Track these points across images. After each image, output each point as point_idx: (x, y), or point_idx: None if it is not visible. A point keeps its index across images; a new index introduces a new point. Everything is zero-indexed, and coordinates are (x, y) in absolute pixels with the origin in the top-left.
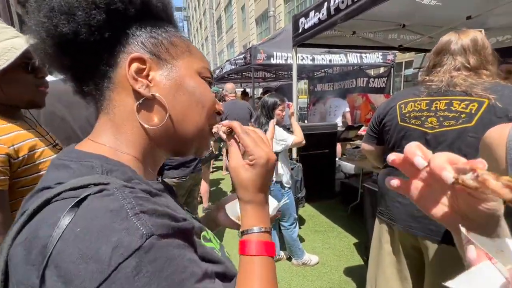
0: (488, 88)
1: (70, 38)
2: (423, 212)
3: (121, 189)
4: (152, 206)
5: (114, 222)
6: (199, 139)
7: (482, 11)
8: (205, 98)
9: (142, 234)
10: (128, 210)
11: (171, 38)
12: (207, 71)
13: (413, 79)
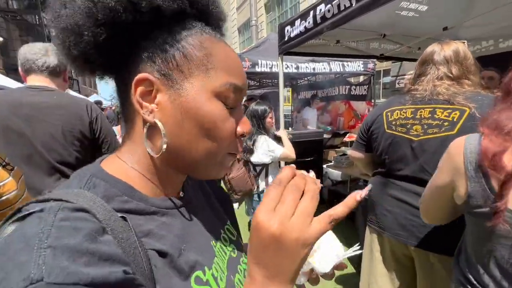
0: (469, 97)
1: (83, 59)
2: (411, 221)
3: (59, 212)
4: (68, 241)
5: (18, 252)
6: (212, 167)
7: (456, 23)
8: (219, 130)
9: (28, 277)
10: (39, 240)
11: (186, 49)
12: (229, 88)
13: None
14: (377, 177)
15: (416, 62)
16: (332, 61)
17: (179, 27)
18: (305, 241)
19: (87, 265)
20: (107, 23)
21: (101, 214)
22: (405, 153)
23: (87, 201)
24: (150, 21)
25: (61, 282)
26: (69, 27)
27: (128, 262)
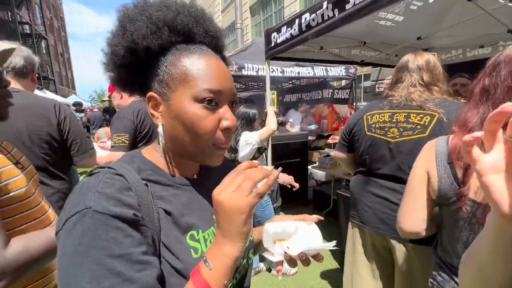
0: (438, 103)
1: (124, 78)
2: (389, 215)
3: (107, 174)
4: (107, 190)
5: (84, 191)
6: (204, 156)
7: (429, 33)
8: (197, 127)
9: (85, 204)
10: (93, 186)
11: (169, 70)
12: (205, 92)
13: (371, 90)
14: (358, 176)
15: (394, 69)
16: (315, 65)
17: (168, 54)
18: (240, 208)
19: (114, 205)
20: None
21: (131, 179)
22: (383, 153)
23: (125, 171)
24: (146, 55)
25: (99, 211)
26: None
27: (139, 210)
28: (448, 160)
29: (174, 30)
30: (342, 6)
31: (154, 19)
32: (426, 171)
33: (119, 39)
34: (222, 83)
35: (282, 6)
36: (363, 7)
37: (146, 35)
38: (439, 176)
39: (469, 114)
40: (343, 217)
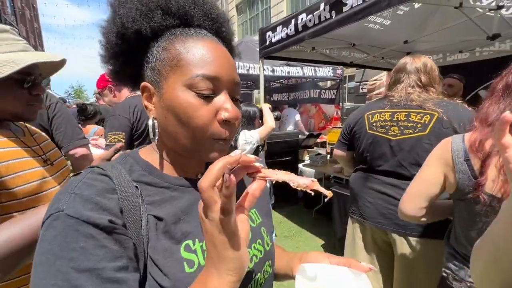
0: (437, 103)
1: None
2: (390, 210)
3: (90, 174)
4: (85, 192)
5: (62, 191)
6: (202, 151)
7: (414, 38)
8: (191, 118)
9: (58, 207)
10: (71, 187)
11: (161, 56)
12: (197, 78)
13: (355, 91)
14: (358, 173)
15: (389, 71)
16: (305, 66)
17: (163, 39)
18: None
19: (90, 210)
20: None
21: (118, 181)
22: (384, 151)
23: (114, 171)
24: (137, 40)
25: (70, 215)
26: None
27: (120, 216)
28: (465, 158)
29: (168, 12)
30: (339, 8)
31: (145, 0)
32: (443, 171)
33: (110, 25)
34: (220, 69)
35: (268, 5)
36: (360, 10)
37: (135, 18)
38: (457, 173)
39: (490, 110)
40: (337, 214)
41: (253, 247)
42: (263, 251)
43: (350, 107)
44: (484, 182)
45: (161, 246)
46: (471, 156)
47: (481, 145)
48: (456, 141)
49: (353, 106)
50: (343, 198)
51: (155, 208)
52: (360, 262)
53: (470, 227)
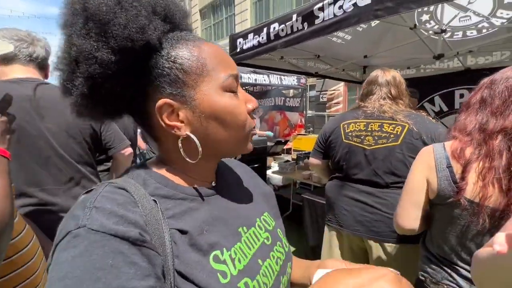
0: (407, 115)
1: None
2: (366, 217)
3: (107, 187)
4: (107, 205)
5: (78, 207)
6: (243, 145)
7: (373, 52)
8: (236, 116)
9: (78, 223)
10: (89, 202)
11: (183, 66)
12: (230, 79)
13: (316, 100)
14: (334, 181)
15: (346, 82)
16: (271, 73)
17: (166, 47)
18: None
19: (115, 223)
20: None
21: (136, 195)
22: (360, 160)
23: (129, 185)
24: (144, 52)
25: (95, 229)
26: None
27: (146, 230)
28: (447, 164)
29: (159, 15)
30: (311, 20)
31: (145, 4)
32: (425, 175)
33: (101, 40)
34: (235, 67)
35: (233, 13)
36: (331, 23)
37: (144, 26)
38: (439, 179)
39: (468, 121)
40: (308, 222)
41: (275, 249)
42: (284, 253)
43: (312, 115)
44: (464, 187)
45: (192, 260)
46: (453, 162)
47: (462, 153)
48: (438, 149)
49: (315, 114)
50: (314, 204)
51: (176, 221)
52: (384, 269)
53: (448, 230)
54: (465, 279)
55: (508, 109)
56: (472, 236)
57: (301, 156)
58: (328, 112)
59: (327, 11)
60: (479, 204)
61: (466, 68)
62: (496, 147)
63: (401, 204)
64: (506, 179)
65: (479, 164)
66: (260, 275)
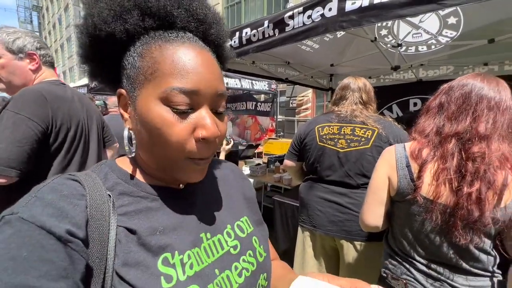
0: (376, 120)
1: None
2: (338, 217)
3: (58, 178)
4: (49, 196)
5: (25, 195)
6: (178, 171)
7: (338, 61)
8: (164, 135)
9: (13, 210)
10: (34, 191)
11: (137, 62)
12: (173, 92)
13: (286, 105)
14: (308, 183)
15: (314, 89)
16: (242, 78)
17: (141, 43)
18: None
19: (48, 215)
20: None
21: (89, 187)
22: (333, 162)
23: (86, 178)
24: (111, 43)
25: (24, 218)
26: None
27: (81, 227)
28: (406, 164)
29: (147, 12)
30: (282, 27)
31: (121, 2)
32: (387, 173)
33: (83, 26)
34: (199, 81)
35: None
36: (301, 32)
37: (108, 19)
38: (399, 177)
39: (426, 124)
40: (279, 226)
41: (242, 260)
42: (256, 264)
43: (282, 120)
44: (421, 185)
45: (134, 261)
46: (411, 162)
47: (419, 153)
48: (399, 149)
49: (285, 119)
50: (284, 206)
51: (128, 219)
52: (370, 285)
53: (406, 226)
54: (422, 273)
55: (462, 114)
56: (427, 232)
57: (272, 159)
58: (298, 117)
59: (297, 19)
60: (433, 201)
61: (419, 80)
62: (449, 150)
63: (366, 202)
64: (456, 180)
65: (434, 165)
66: (213, 284)
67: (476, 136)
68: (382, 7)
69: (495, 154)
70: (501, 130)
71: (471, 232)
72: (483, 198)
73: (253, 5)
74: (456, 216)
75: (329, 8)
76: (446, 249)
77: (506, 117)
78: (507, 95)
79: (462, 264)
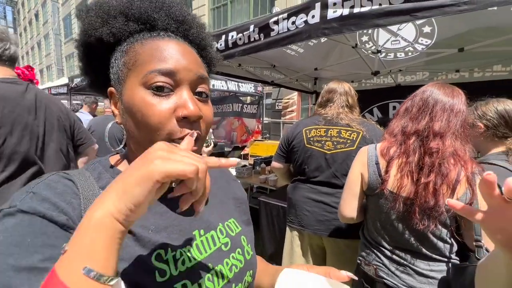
0: (360, 123)
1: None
2: (326, 216)
3: (53, 176)
4: (44, 192)
5: (19, 192)
6: None
7: (322, 66)
8: (146, 116)
9: (11, 204)
10: (29, 187)
11: (122, 59)
12: (152, 74)
13: (272, 107)
14: (297, 184)
15: (300, 92)
16: (229, 80)
17: (127, 44)
18: (148, 166)
19: (46, 209)
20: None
21: (82, 186)
22: (320, 163)
23: (79, 176)
24: (101, 47)
25: (25, 210)
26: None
27: (75, 221)
28: (376, 161)
29: (130, 18)
30: (267, 32)
31: (105, 8)
32: (360, 170)
33: (78, 36)
34: (177, 63)
35: None
36: (285, 37)
37: (96, 25)
38: (369, 173)
39: (395, 125)
40: (265, 222)
41: (231, 256)
42: (244, 261)
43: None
44: (387, 179)
45: (129, 255)
46: (380, 159)
47: (387, 151)
48: (370, 149)
49: (271, 121)
50: (270, 206)
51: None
52: (339, 271)
53: (376, 217)
54: (388, 259)
55: (421, 115)
56: (392, 221)
57: (258, 161)
58: (284, 119)
59: (282, 25)
60: (397, 193)
61: (397, 84)
62: (411, 145)
63: (343, 196)
64: (416, 172)
65: (399, 160)
66: (205, 279)
67: (432, 133)
68: (361, 16)
69: (449, 150)
70: (454, 130)
71: (428, 219)
72: (437, 189)
73: (240, 8)
74: (415, 204)
75: (312, 15)
76: (408, 236)
77: (459, 118)
78: (460, 101)
79: (422, 250)
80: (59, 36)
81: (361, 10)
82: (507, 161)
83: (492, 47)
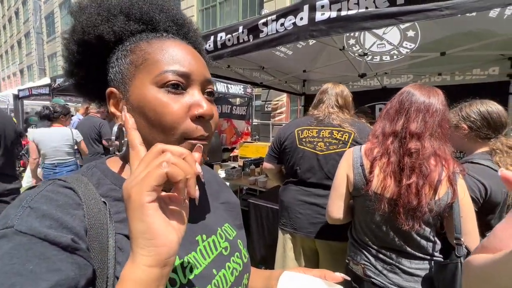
0: (352, 124)
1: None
2: (318, 219)
3: (51, 186)
4: (43, 206)
5: (14, 205)
6: None
7: (310, 68)
8: (161, 115)
9: (6, 223)
10: (26, 200)
11: (128, 57)
12: (166, 74)
13: (261, 109)
14: (289, 185)
15: (289, 94)
16: (218, 81)
17: (129, 43)
18: (135, 195)
19: (47, 227)
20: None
21: (84, 195)
22: (313, 164)
23: (79, 184)
24: (100, 46)
25: (23, 231)
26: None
27: (82, 236)
28: (360, 163)
29: (132, 17)
30: (256, 33)
31: (106, 5)
32: (346, 172)
33: (71, 34)
34: (190, 65)
35: None
36: (274, 38)
37: (97, 23)
38: (354, 174)
39: (377, 127)
40: (254, 224)
41: (232, 260)
42: (242, 264)
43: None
44: (371, 179)
45: None
46: (365, 161)
47: (371, 152)
48: (355, 151)
49: (260, 123)
50: (260, 209)
51: (125, 226)
52: (334, 273)
53: (362, 218)
54: (375, 258)
55: (398, 116)
56: (377, 221)
57: (248, 162)
58: (273, 121)
59: (270, 26)
60: (381, 194)
61: (383, 87)
62: (390, 146)
63: (330, 197)
64: (398, 172)
65: (381, 160)
66: (212, 285)
67: (409, 134)
68: (348, 19)
69: (429, 150)
70: (432, 130)
71: (412, 219)
72: (420, 189)
73: (228, 9)
74: (399, 205)
75: (300, 17)
76: (393, 236)
77: (436, 118)
78: (437, 101)
79: (406, 249)
80: (41, 35)
81: (348, 13)
82: (491, 160)
83: (471, 52)
